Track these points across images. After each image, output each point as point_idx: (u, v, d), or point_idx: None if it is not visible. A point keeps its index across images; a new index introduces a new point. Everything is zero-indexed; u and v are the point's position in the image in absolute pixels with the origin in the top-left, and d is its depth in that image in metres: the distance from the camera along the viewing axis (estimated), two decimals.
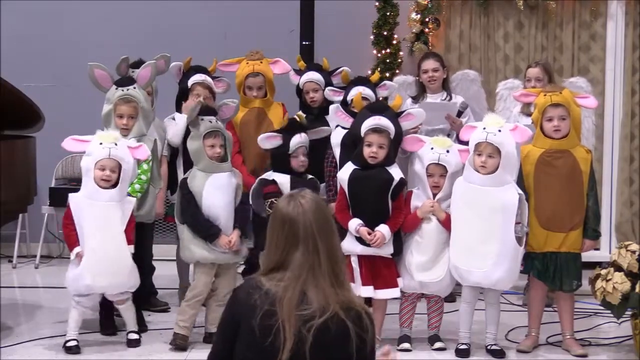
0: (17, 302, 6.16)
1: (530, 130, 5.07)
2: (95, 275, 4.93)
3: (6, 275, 6.72)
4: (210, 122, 5.12)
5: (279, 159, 5.21)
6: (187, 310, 5.10)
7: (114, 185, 4.96)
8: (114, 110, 5.26)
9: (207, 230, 5.06)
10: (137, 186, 5.23)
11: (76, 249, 4.94)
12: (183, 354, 5.00)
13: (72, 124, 6.94)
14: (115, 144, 4.96)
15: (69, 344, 4.99)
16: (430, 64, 6.01)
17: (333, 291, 2.54)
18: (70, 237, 4.99)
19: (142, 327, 5.39)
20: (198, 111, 5.13)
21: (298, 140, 5.18)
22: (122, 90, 5.27)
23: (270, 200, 5.13)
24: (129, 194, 5.17)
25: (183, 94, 5.75)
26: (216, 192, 5.06)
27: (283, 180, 5.15)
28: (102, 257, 4.93)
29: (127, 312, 5.14)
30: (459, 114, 5.82)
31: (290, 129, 5.22)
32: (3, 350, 5.00)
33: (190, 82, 5.75)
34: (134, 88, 5.30)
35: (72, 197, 5.00)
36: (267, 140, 5.24)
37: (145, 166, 5.28)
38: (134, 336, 5.12)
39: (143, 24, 7.31)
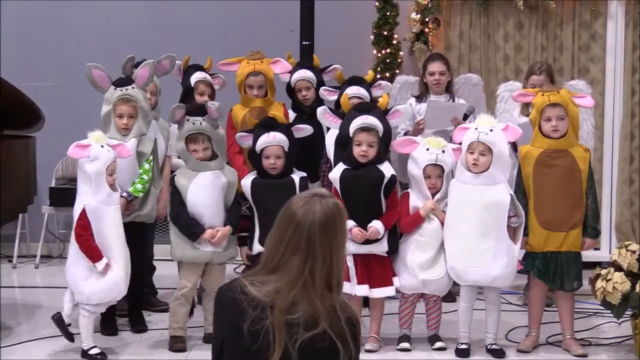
0: (17, 302, 6.17)
1: (522, 130, 5.08)
2: (124, 281, 4.90)
3: (6, 275, 6.72)
4: (194, 123, 5.05)
5: (251, 159, 5.20)
6: (178, 309, 5.11)
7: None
8: (113, 111, 5.26)
9: (188, 229, 5.03)
10: (139, 186, 5.23)
11: (104, 260, 4.79)
12: (183, 354, 5.01)
13: (72, 124, 6.98)
14: (109, 145, 4.94)
15: (92, 352, 4.89)
16: (437, 66, 5.98)
17: (321, 301, 2.47)
18: (94, 248, 4.79)
19: (142, 327, 5.41)
20: (182, 114, 5.07)
21: (265, 139, 5.09)
22: (121, 90, 5.26)
23: (240, 202, 5.22)
24: (131, 194, 5.20)
25: (187, 93, 5.75)
26: (200, 190, 5.03)
27: (245, 182, 5.13)
28: (127, 262, 4.92)
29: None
30: (465, 117, 5.81)
31: (261, 127, 5.16)
32: (3, 350, 5.01)
33: (193, 80, 5.75)
34: (133, 88, 5.30)
35: (87, 205, 4.81)
36: (242, 139, 5.23)
37: (147, 166, 5.28)
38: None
39: (143, 24, 7.32)
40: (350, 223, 4.98)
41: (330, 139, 5.44)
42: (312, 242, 2.48)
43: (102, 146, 4.89)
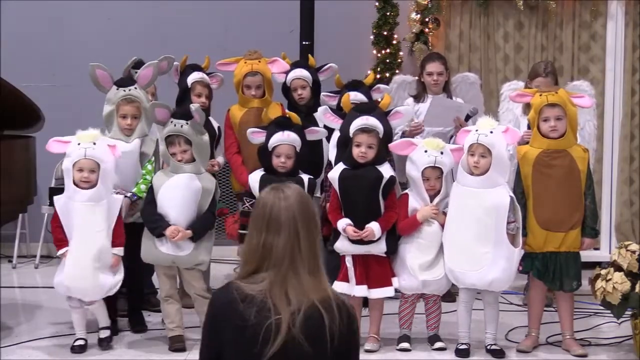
0: (17, 302, 6.16)
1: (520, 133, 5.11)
2: (73, 279, 4.89)
3: (6, 275, 6.72)
4: (175, 125, 5.04)
5: (261, 156, 5.20)
6: (168, 308, 5.11)
7: (94, 186, 4.94)
8: (116, 111, 5.26)
9: (152, 224, 5.01)
10: (142, 187, 5.24)
11: (62, 250, 4.92)
12: (183, 354, 5.01)
13: (72, 124, 6.97)
14: (94, 143, 4.92)
15: (74, 343, 5.01)
16: (435, 66, 5.96)
17: (312, 281, 2.52)
18: (58, 239, 4.97)
19: (141, 327, 5.41)
20: (164, 113, 5.08)
21: (278, 137, 5.10)
22: (124, 91, 5.26)
23: (244, 198, 5.24)
24: (136, 194, 5.20)
25: (184, 94, 5.74)
26: (170, 190, 5.01)
27: (254, 178, 5.13)
28: (81, 260, 4.87)
29: (99, 309, 5.09)
30: (467, 117, 5.79)
31: (275, 125, 5.17)
32: (3, 350, 5.01)
33: (190, 81, 5.72)
34: (135, 88, 5.30)
35: (56, 199, 4.99)
36: (253, 135, 5.23)
37: (149, 167, 5.29)
38: (106, 333, 5.08)
39: (143, 24, 7.32)
40: (345, 222, 4.99)
41: (332, 141, 5.43)
42: (291, 217, 2.54)
43: (78, 144, 4.91)
